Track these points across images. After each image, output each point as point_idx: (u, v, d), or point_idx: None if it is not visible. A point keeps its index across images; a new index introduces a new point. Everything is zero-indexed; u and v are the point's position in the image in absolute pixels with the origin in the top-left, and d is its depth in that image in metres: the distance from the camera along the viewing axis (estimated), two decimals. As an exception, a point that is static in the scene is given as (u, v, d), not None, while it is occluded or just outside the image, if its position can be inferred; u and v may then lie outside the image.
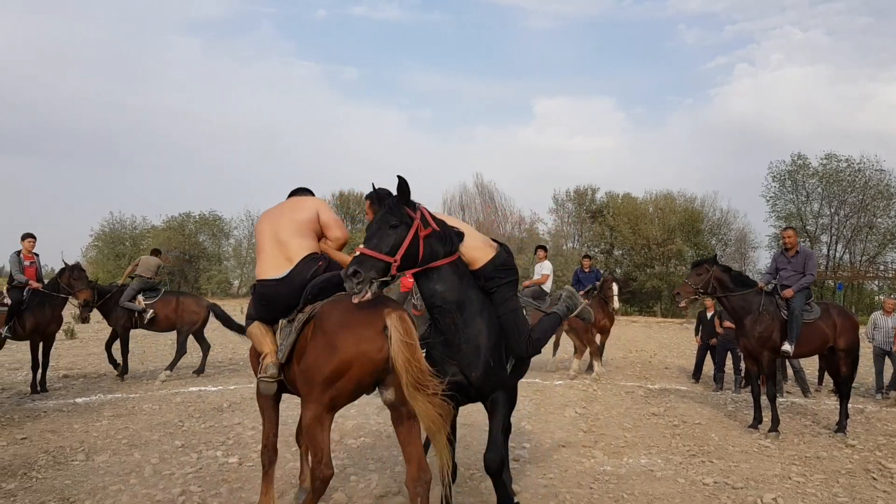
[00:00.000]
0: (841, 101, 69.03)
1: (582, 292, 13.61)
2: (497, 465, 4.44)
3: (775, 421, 8.08)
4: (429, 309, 4.30)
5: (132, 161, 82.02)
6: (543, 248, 13.65)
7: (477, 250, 4.36)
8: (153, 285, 12.16)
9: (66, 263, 10.56)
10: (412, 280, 4.55)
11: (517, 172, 72.65)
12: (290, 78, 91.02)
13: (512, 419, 8.34)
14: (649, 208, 45.59)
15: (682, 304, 9.09)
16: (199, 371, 11.90)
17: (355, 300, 3.79)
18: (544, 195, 76.47)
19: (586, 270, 14.19)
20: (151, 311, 11.67)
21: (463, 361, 4.22)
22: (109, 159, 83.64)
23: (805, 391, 11.01)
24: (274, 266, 4.51)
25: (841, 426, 8.21)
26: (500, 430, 4.47)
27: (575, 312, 4.94)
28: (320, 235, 4.76)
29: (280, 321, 4.49)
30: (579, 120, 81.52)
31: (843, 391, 8.56)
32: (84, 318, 11.78)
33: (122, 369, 11.44)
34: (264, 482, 4.73)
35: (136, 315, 11.66)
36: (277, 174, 78.42)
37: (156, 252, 13.17)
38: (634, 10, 79.09)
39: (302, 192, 5.14)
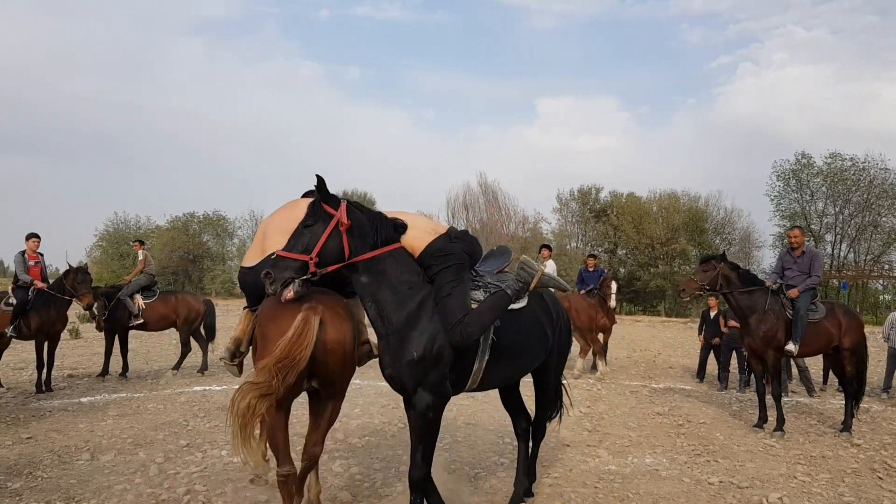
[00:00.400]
0: (845, 100, 68.89)
1: (583, 291, 13.63)
2: (416, 480, 4.21)
3: (780, 420, 8.06)
4: (361, 300, 4.30)
5: (136, 161, 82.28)
6: (548, 247, 13.63)
7: (415, 239, 4.27)
8: (151, 282, 12.20)
9: (70, 266, 10.56)
10: None
11: (521, 172, 72.69)
12: (294, 78, 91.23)
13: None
14: (653, 207, 45.49)
15: (687, 298, 9.08)
16: (203, 368, 11.93)
17: (282, 299, 3.94)
18: (548, 195, 76.41)
19: (590, 269, 14.20)
20: (140, 317, 11.70)
21: (390, 354, 4.12)
22: (114, 159, 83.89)
23: (810, 390, 10.98)
24: (251, 256, 4.76)
25: (846, 425, 8.19)
26: (419, 440, 4.16)
27: (532, 285, 4.35)
28: None
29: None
30: (583, 119, 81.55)
31: (848, 390, 8.53)
32: (99, 326, 11.71)
33: (122, 366, 11.47)
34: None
35: (129, 315, 11.63)
36: (281, 174, 78.55)
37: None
38: (637, 9, 79.14)
39: (310, 194, 5.16)
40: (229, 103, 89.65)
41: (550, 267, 12.46)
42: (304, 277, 3.93)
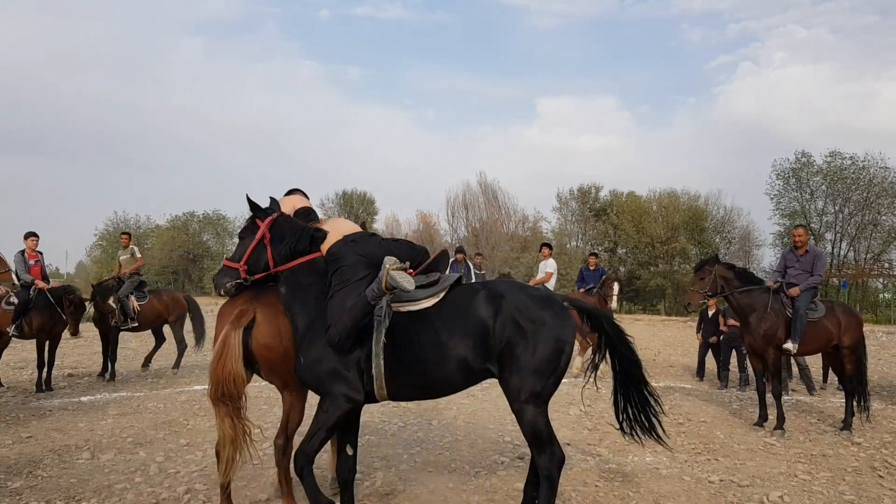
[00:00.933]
0: (845, 99, 68.95)
1: (582, 290, 13.65)
2: (298, 457, 4.35)
3: (781, 419, 8.06)
4: None
5: (137, 161, 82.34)
6: (548, 245, 13.66)
7: (326, 247, 4.56)
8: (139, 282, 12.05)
9: (70, 288, 10.63)
10: None
11: (521, 172, 72.81)
12: (294, 78, 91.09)
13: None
14: (653, 206, 45.58)
15: (693, 309, 9.12)
16: (175, 367, 11.97)
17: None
18: (548, 194, 76.57)
19: (591, 268, 14.21)
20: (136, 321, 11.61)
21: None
22: (114, 159, 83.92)
23: (810, 389, 10.97)
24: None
25: (846, 424, 8.19)
26: (313, 426, 4.33)
27: (383, 283, 4.05)
28: None
29: None
30: (583, 119, 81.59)
31: (847, 388, 8.54)
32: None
33: (110, 372, 11.27)
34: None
35: (121, 316, 11.35)
36: (282, 173, 78.66)
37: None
38: (637, 8, 79.08)
39: (295, 192, 5.41)
40: (229, 103, 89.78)
41: (551, 265, 12.45)
42: (237, 281, 4.62)
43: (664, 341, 21.08)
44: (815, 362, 11.93)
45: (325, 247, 4.52)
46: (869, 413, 8.49)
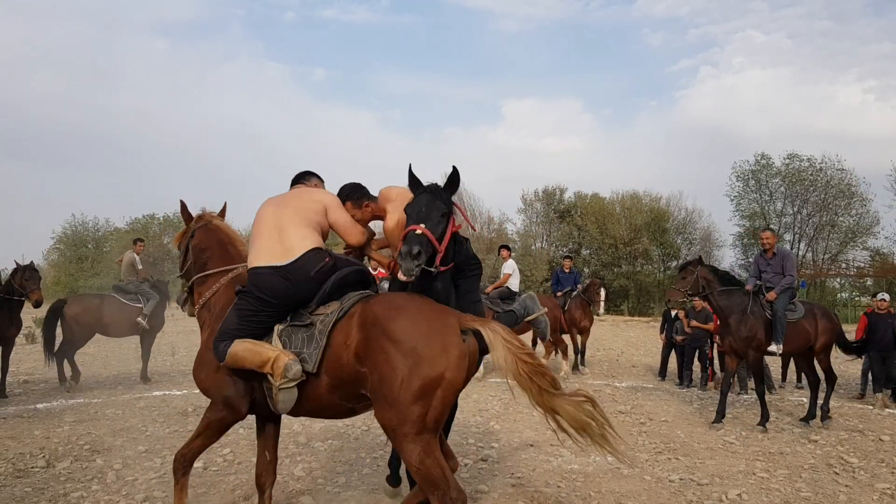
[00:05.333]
0: (802, 102, 70.20)
1: (560, 293, 13.78)
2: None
3: (765, 417, 8.29)
4: None
5: (97, 162, 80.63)
6: (506, 247, 13.76)
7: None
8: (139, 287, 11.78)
9: (17, 264, 10.25)
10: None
11: (486, 173, 72.79)
12: (259, 79, 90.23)
13: (480, 419, 8.37)
14: (616, 208, 45.95)
15: (675, 308, 9.28)
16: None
17: (402, 278, 3.60)
18: (513, 195, 76.69)
19: (566, 271, 14.38)
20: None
21: None
22: (73, 160, 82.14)
23: (769, 388, 11.15)
24: (271, 254, 4.01)
25: (823, 413, 8.59)
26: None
27: (530, 318, 4.71)
28: (325, 234, 4.31)
29: (276, 327, 3.97)
30: (548, 121, 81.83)
31: (829, 384, 8.94)
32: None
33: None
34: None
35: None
36: (246, 175, 77.78)
37: (135, 242, 12.63)
38: (601, 13, 79.60)
39: (309, 176, 4.65)
40: (193, 104, 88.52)
41: (509, 267, 12.57)
42: (428, 268, 3.71)
43: (627, 341, 21.28)
44: (773, 361, 12.12)
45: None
46: (828, 414, 8.68)
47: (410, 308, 3.60)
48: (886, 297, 10.67)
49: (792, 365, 12.13)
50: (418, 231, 3.60)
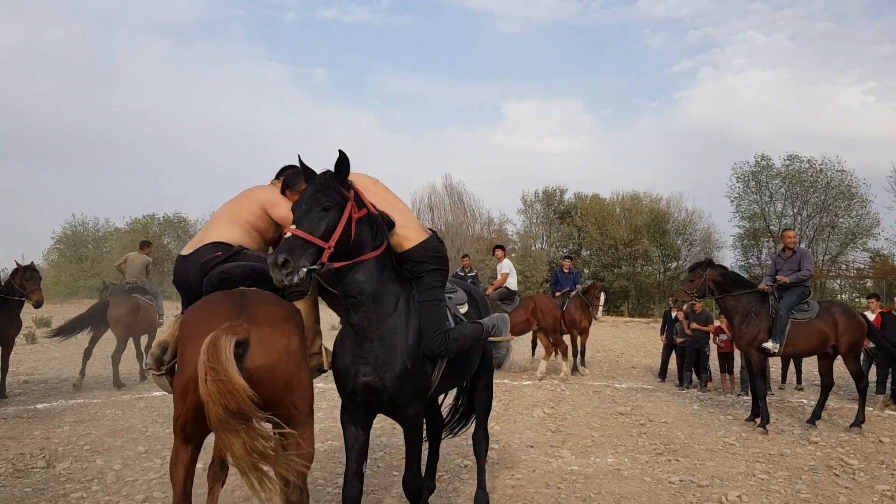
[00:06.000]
0: (802, 103, 70.02)
1: (559, 293, 13.80)
2: (415, 489, 4.11)
3: (765, 418, 8.29)
4: (342, 299, 3.83)
5: (98, 163, 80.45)
6: (500, 247, 13.85)
7: (410, 230, 4.04)
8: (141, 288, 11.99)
9: (18, 265, 10.25)
10: None
11: (487, 174, 72.72)
12: (260, 79, 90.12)
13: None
14: (616, 209, 45.96)
15: (678, 309, 9.38)
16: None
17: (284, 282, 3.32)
18: (513, 196, 76.55)
19: (566, 271, 14.40)
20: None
21: (376, 361, 3.77)
22: (73, 161, 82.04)
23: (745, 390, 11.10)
24: (188, 245, 4.19)
25: (858, 420, 8.44)
26: (417, 452, 4.05)
27: (494, 339, 4.57)
28: (265, 230, 4.27)
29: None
30: (548, 122, 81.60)
31: (860, 387, 8.70)
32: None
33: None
34: None
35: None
36: (248, 173, 77.75)
37: (144, 245, 12.86)
38: (601, 14, 79.42)
39: (278, 175, 4.55)
40: (194, 104, 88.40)
41: (506, 266, 12.67)
42: (313, 267, 3.41)
43: (627, 342, 21.28)
44: (773, 363, 12.12)
45: (396, 236, 3.99)
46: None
47: (195, 309, 3.59)
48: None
49: (791, 367, 12.14)
50: (288, 234, 3.43)
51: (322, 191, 3.56)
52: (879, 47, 68.41)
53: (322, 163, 3.75)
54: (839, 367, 9.25)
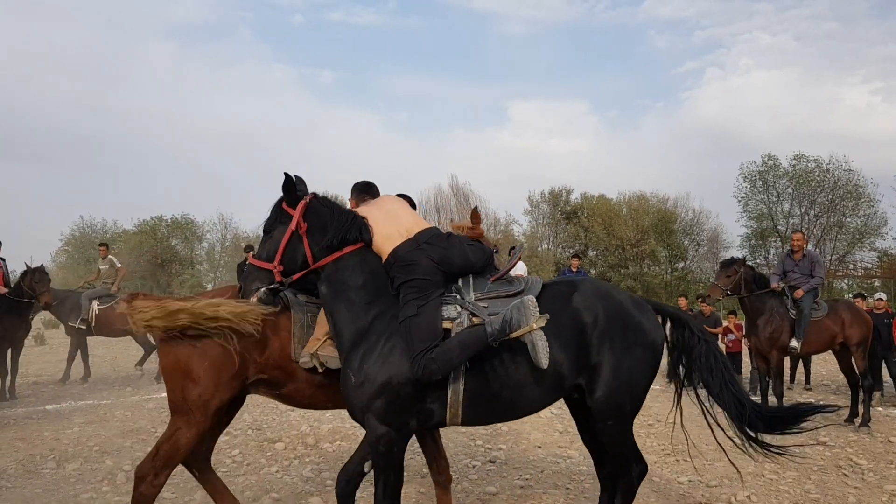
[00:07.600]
0: (809, 103, 69.81)
1: None
2: (341, 486, 4.13)
3: None
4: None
5: (106, 165, 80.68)
6: (513, 248, 13.84)
7: (385, 239, 3.68)
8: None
9: (28, 266, 10.31)
10: None
11: (493, 174, 72.64)
12: (267, 81, 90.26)
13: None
14: (623, 209, 45.89)
15: (707, 305, 9.32)
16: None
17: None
18: (520, 197, 76.43)
19: (574, 270, 14.36)
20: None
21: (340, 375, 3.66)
22: (82, 162, 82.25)
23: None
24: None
25: (864, 420, 8.43)
26: (377, 474, 3.67)
27: (515, 334, 3.35)
28: None
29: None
30: (554, 123, 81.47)
31: (865, 385, 8.70)
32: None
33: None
34: None
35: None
36: (253, 177, 77.73)
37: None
38: (606, 15, 79.30)
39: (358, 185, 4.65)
40: (201, 106, 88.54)
41: (521, 268, 12.60)
42: (272, 287, 3.74)
43: (634, 343, 21.24)
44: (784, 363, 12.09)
45: (378, 239, 3.69)
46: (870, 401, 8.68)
47: None
48: (884, 296, 10.82)
49: (801, 367, 12.10)
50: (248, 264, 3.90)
51: (269, 216, 3.85)
52: (885, 47, 68.13)
53: (325, 164, 3.83)
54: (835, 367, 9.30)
